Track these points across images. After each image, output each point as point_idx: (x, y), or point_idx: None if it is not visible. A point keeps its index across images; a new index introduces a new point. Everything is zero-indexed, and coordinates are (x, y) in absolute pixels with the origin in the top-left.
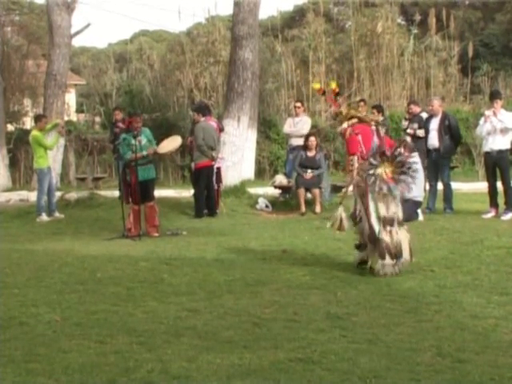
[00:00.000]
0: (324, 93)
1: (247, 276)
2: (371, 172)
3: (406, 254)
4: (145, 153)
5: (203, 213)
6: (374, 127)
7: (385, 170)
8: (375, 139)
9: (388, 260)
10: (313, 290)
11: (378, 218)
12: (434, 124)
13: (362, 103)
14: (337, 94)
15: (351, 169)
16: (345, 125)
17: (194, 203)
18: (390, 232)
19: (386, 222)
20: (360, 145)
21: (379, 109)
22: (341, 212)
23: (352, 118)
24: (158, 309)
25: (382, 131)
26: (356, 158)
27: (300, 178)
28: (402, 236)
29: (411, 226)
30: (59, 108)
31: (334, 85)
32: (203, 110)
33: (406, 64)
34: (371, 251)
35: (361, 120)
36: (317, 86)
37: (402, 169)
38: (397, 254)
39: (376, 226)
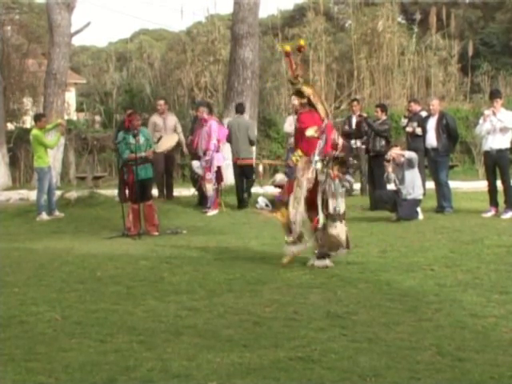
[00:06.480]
0: (289, 55)
1: (247, 275)
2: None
3: (342, 246)
4: (144, 154)
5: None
6: (325, 121)
7: (331, 168)
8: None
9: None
10: (313, 289)
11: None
12: (432, 123)
13: (355, 103)
14: (300, 50)
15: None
16: (294, 100)
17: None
18: (335, 227)
19: (332, 217)
20: (316, 147)
21: (383, 108)
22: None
23: (303, 96)
24: (158, 307)
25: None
26: (303, 157)
27: None
28: (340, 229)
29: (411, 225)
30: (59, 107)
31: (302, 41)
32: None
33: (407, 63)
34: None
35: (310, 103)
36: (287, 47)
37: (347, 169)
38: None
39: (322, 220)
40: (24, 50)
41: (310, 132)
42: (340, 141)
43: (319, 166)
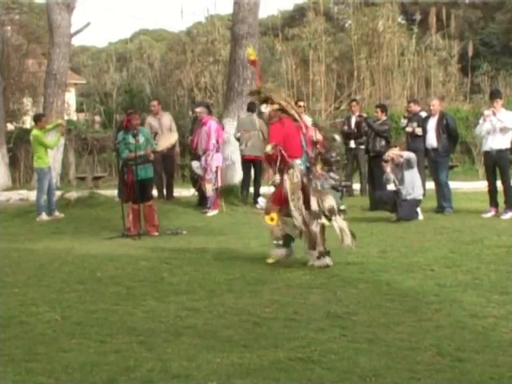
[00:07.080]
0: (255, 64)
1: (247, 275)
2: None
3: (347, 240)
4: (142, 152)
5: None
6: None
7: (316, 167)
8: (302, 138)
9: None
10: (313, 289)
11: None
12: (432, 124)
13: (354, 103)
14: (253, 64)
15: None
16: (266, 108)
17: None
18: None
19: (316, 214)
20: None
21: (383, 108)
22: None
23: (273, 102)
24: (158, 308)
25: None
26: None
27: None
28: (340, 223)
29: (411, 226)
30: (59, 107)
31: (251, 54)
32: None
33: (407, 63)
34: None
35: (283, 109)
36: (252, 55)
37: (330, 167)
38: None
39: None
40: (24, 50)
41: (268, 148)
42: (319, 137)
43: (303, 167)
